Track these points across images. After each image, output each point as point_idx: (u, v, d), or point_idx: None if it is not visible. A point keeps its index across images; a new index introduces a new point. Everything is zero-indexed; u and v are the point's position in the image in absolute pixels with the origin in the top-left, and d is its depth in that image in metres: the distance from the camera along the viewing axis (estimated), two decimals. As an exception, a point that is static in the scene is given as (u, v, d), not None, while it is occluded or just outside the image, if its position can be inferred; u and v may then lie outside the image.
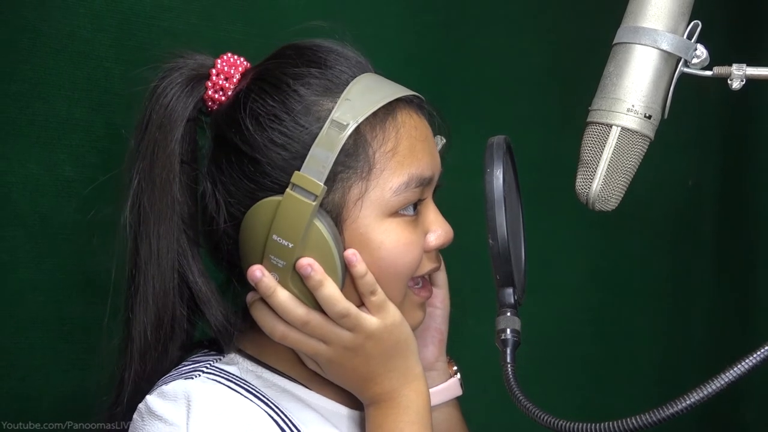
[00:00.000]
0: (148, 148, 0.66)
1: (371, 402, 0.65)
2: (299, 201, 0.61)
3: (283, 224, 0.62)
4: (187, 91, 0.67)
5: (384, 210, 0.64)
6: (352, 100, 0.63)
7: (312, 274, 0.62)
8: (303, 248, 0.62)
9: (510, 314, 0.63)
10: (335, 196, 0.63)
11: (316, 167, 0.62)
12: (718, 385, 0.48)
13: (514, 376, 0.59)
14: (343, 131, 0.62)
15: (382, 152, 0.64)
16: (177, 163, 0.66)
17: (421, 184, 0.65)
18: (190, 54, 0.69)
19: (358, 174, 0.63)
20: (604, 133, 0.61)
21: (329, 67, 0.65)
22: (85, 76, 0.88)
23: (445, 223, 0.68)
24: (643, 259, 1.35)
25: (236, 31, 0.97)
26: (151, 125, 0.66)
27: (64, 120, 0.87)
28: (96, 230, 0.73)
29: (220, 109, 0.68)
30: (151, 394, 0.64)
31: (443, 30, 1.17)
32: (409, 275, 0.66)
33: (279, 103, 0.64)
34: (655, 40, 0.60)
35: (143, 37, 0.91)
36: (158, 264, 0.65)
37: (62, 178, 0.88)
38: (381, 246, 0.64)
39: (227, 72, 0.68)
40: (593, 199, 0.62)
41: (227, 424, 0.61)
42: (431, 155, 0.67)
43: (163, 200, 0.65)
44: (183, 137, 0.66)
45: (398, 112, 0.65)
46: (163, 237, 0.65)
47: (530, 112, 1.23)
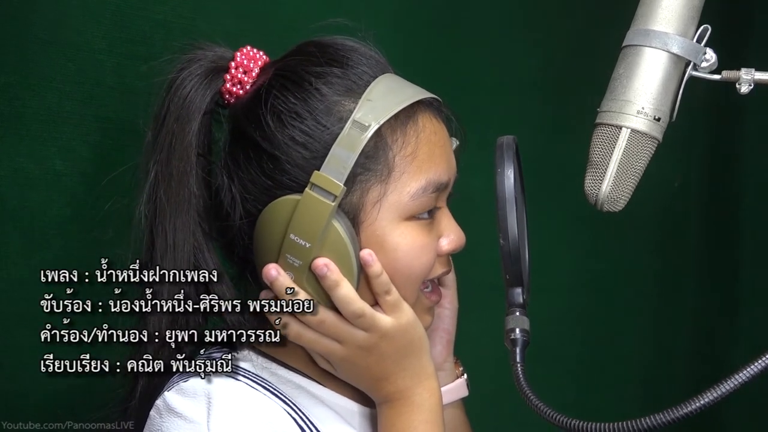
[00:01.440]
0: (165, 139, 0.65)
1: (384, 401, 0.65)
2: (318, 201, 0.61)
3: (300, 223, 0.62)
4: (205, 83, 0.66)
5: (401, 213, 0.64)
6: (374, 101, 0.63)
7: (328, 274, 0.62)
8: (320, 248, 0.62)
9: (519, 314, 0.64)
10: (353, 198, 0.63)
11: (336, 167, 0.61)
12: (732, 384, 0.49)
13: (524, 375, 0.60)
14: (365, 132, 0.62)
15: (402, 156, 0.64)
16: (194, 156, 0.65)
17: (438, 189, 0.65)
18: (209, 46, 0.68)
19: (377, 177, 0.63)
20: (614, 135, 0.61)
21: (351, 67, 0.65)
22: (76, 68, 0.86)
23: (458, 229, 0.68)
24: (629, 259, 1.36)
25: (230, 25, 0.96)
26: (168, 117, 0.65)
27: (54, 113, 0.86)
28: (104, 224, 0.72)
29: (238, 103, 0.67)
30: (170, 391, 0.63)
31: (437, 30, 1.17)
32: (423, 278, 0.66)
33: (301, 101, 0.64)
34: (665, 43, 0.60)
35: (136, 29, 0.89)
36: (174, 257, 0.64)
37: (52, 172, 0.87)
38: (397, 248, 0.64)
39: (246, 65, 0.67)
40: (603, 200, 0.62)
41: (248, 421, 0.61)
42: (448, 160, 0.67)
43: (180, 193, 0.65)
44: (200, 129, 0.66)
45: (419, 115, 0.65)
46: (180, 230, 0.65)
47: (522, 113, 1.24)
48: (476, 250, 0.93)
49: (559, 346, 1.30)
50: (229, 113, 0.68)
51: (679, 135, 1.45)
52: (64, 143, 0.86)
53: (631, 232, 1.33)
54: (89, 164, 0.87)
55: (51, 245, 0.87)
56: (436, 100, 0.68)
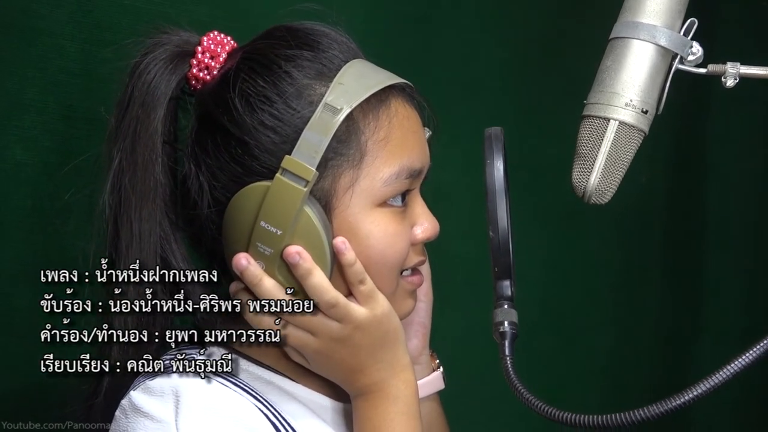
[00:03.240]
0: (129, 126, 0.63)
1: (359, 393, 0.64)
2: (289, 186, 0.59)
3: (271, 210, 0.60)
4: (170, 68, 0.64)
5: (373, 200, 0.62)
6: (346, 84, 0.62)
7: (300, 262, 0.60)
8: (292, 235, 0.60)
9: (507, 306, 0.63)
10: (325, 183, 0.61)
11: (308, 152, 0.60)
12: (720, 378, 0.49)
13: (513, 368, 0.59)
14: (337, 115, 0.60)
15: (375, 141, 0.62)
16: (160, 143, 0.63)
17: (411, 175, 0.64)
18: (174, 30, 0.66)
19: (349, 162, 0.62)
20: (602, 127, 0.61)
21: (322, 51, 0.63)
22: (39, 54, 0.83)
23: (432, 217, 0.67)
24: (596, 253, 1.38)
25: (201, 13, 0.93)
26: (132, 103, 0.63)
27: (14, 100, 0.82)
28: (65, 214, 0.69)
29: (206, 88, 0.65)
30: (135, 390, 0.61)
31: (412, 23, 1.16)
32: (398, 266, 0.65)
33: (270, 85, 0.62)
34: (653, 36, 0.60)
35: (102, 14, 0.86)
36: (140, 248, 0.62)
37: (12, 161, 0.84)
38: (369, 235, 0.62)
39: (213, 50, 0.65)
40: (591, 192, 0.62)
41: (219, 419, 0.59)
42: (421, 147, 0.66)
43: (145, 182, 0.62)
44: (165, 116, 0.63)
45: (391, 100, 0.64)
46: (146, 220, 0.62)
47: (497, 107, 1.24)
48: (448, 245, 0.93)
49: (528, 338, 1.30)
50: (195, 99, 0.66)
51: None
52: (25, 132, 0.83)
53: (599, 226, 1.35)
54: (51, 154, 0.84)
55: (10, 238, 0.84)
56: (408, 85, 0.67)
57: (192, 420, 0.58)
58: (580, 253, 1.36)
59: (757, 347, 0.49)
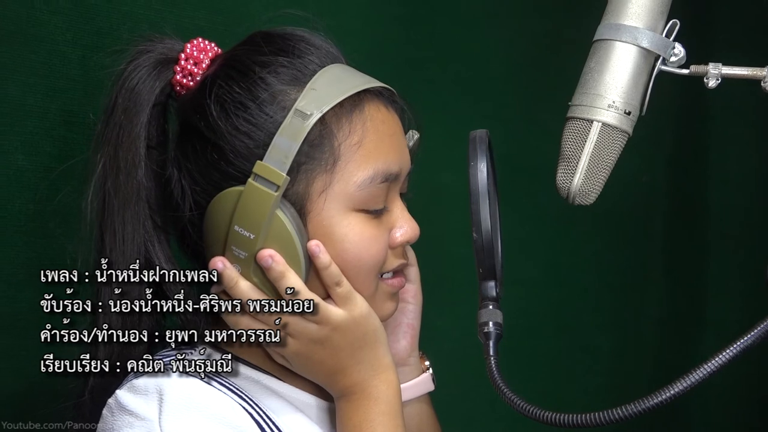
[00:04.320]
0: (113, 132, 0.65)
1: (341, 395, 0.65)
2: (261, 191, 0.61)
3: (244, 215, 0.61)
4: (154, 74, 0.66)
5: (348, 204, 0.63)
6: (318, 90, 0.63)
7: (273, 265, 0.61)
8: (265, 239, 0.61)
9: (492, 307, 0.64)
10: (299, 188, 0.62)
11: (278, 157, 0.61)
12: (698, 376, 0.49)
13: (497, 368, 0.60)
14: (307, 120, 0.61)
15: (348, 144, 0.63)
16: (143, 148, 0.64)
17: (386, 179, 0.64)
18: (159, 38, 0.68)
19: (322, 166, 0.62)
20: (585, 129, 0.62)
21: (298, 56, 0.64)
22: (41, 61, 0.84)
23: (411, 220, 0.67)
24: (597, 253, 1.38)
25: (200, 18, 0.94)
26: (116, 109, 0.65)
27: (17, 106, 0.84)
28: (58, 217, 0.70)
29: (187, 95, 0.66)
30: (121, 389, 0.62)
31: (408, 24, 1.17)
32: (375, 269, 0.65)
33: (245, 91, 0.63)
34: (635, 38, 0.61)
35: (102, 22, 0.88)
36: (123, 251, 0.63)
37: (14, 166, 0.85)
38: (344, 239, 0.63)
39: (197, 57, 0.67)
40: (574, 193, 0.62)
41: (201, 418, 0.60)
42: (399, 151, 0.66)
43: (127, 185, 0.64)
44: (149, 122, 0.65)
45: (366, 104, 0.64)
46: (129, 222, 0.64)
47: (493, 108, 1.24)
48: (447, 245, 0.94)
49: (530, 339, 1.31)
50: (177, 105, 0.67)
51: (647, 131, 1.47)
52: (27, 137, 0.84)
53: (600, 226, 1.35)
54: (53, 159, 0.85)
55: (13, 242, 0.85)
56: (386, 89, 0.67)
57: (175, 417, 0.59)
58: (582, 253, 1.36)
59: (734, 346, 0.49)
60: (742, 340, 0.49)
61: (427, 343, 0.77)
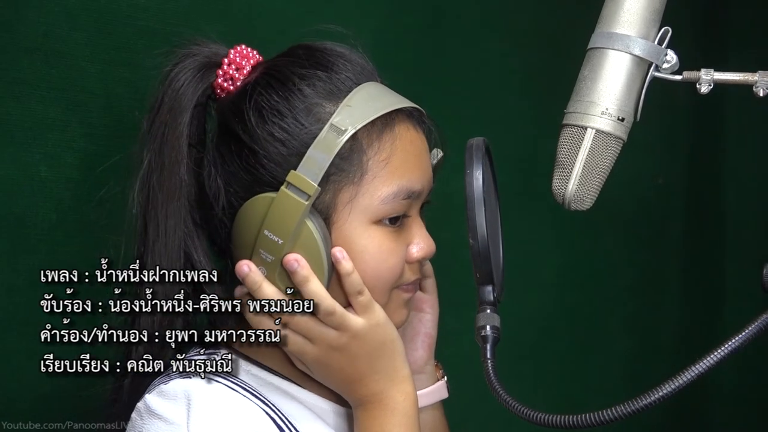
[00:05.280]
0: (159, 129, 0.68)
1: (359, 404, 0.66)
2: (293, 199, 0.63)
3: (275, 220, 0.64)
4: (198, 76, 0.69)
5: (370, 216, 0.65)
6: (353, 107, 0.65)
7: (298, 269, 0.64)
8: (292, 245, 0.64)
9: (489, 311, 0.65)
10: (326, 198, 0.65)
11: (312, 168, 0.63)
12: (686, 378, 0.50)
13: (494, 370, 0.61)
14: (341, 136, 0.64)
15: (376, 160, 0.65)
16: (185, 145, 0.67)
17: (409, 196, 0.67)
18: (204, 42, 0.71)
19: (350, 179, 0.65)
20: (579, 135, 0.63)
21: (336, 72, 0.67)
22: (61, 76, 0.87)
23: (428, 237, 0.69)
24: (614, 256, 1.38)
25: (213, 32, 0.96)
26: (162, 108, 0.68)
27: (39, 120, 0.86)
28: (103, 213, 0.73)
29: (227, 98, 0.69)
30: (150, 393, 0.64)
31: (422, 33, 1.18)
32: (391, 282, 0.67)
33: (283, 99, 0.66)
34: (627, 46, 0.62)
35: (119, 37, 0.90)
36: (165, 243, 0.66)
37: (37, 178, 0.87)
38: (365, 251, 0.65)
39: (239, 63, 0.70)
40: (569, 199, 0.63)
41: (228, 422, 0.62)
42: (423, 170, 0.68)
43: (171, 180, 0.67)
44: (191, 121, 0.68)
45: (397, 124, 0.67)
46: (171, 216, 0.67)
47: (507, 114, 1.25)
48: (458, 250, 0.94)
49: (547, 341, 1.31)
50: (217, 106, 0.70)
51: (662, 134, 1.47)
52: (49, 150, 0.87)
53: (617, 229, 1.35)
54: (74, 170, 0.88)
55: (37, 250, 0.88)
56: (417, 110, 0.69)
57: (203, 422, 0.61)
58: (598, 256, 1.36)
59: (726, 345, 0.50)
60: (730, 343, 0.50)
61: (443, 346, 0.78)
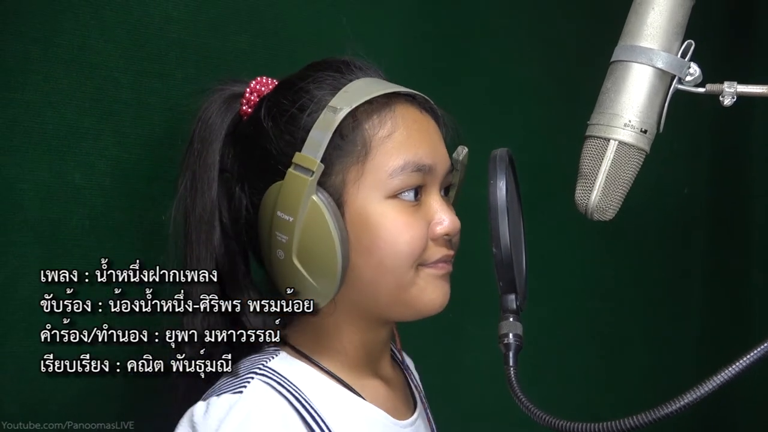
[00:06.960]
0: (191, 158, 0.75)
1: None
2: (298, 177, 0.67)
3: (284, 199, 0.68)
4: (224, 108, 0.75)
5: (383, 192, 0.68)
6: (350, 91, 0.69)
7: None
8: (302, 221, 0.67)
9: (512, 319, 0.66)
10: (336, 179, 0.68)
11: (313, 147, 0.68)
12: (710, 386, 0.51)
13: (516, 378, 0.62)
14: (337, 114, 0.67)
15: (379, 137, 0.68)
16: (216, 171, 0.73)
17: (418, 169, 0.68)
18: (231, 80, 0.79)
19: (355, 157, 0.68)
20: (602, 147, 0.64)
21: (344, 74, 0.71)
22: (95, 86, 0.89)
23: (451, 213, 0.71)
24: (637, 265, 1.37)
25: (242, 42, 0.99)
26: (195, 139, 0.75)
27: (73, 128, 0.89)
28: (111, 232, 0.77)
29: (247, 117, 0.75)
30: (204, 400, 0.66)
31: (442, 39, 1.19)
32: (412, 257, 0.68)
33: (290, 101, 0.71)
34: (650, 59, 0.63)
35: (152, 48, 0.92)
36: (198, 258, 0.71)
37: (72, 185, 0.89)
38: (379, 226, 0.67)
39: (259, 90, 0.76)
40: (592, 209, 0.64)
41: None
42: (431, 145, 0.70)
43: (204, 203, 0.72)
44: (222, 148, 0.74)
45: (397, 105, 0.70)
46: (202, 232, 0.72)
47: (528, 121, 1.25)
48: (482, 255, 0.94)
49: (569, 350, 1.31)
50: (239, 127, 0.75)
51: (687, 145, 1.47)
52: (83, 158, 0.89)
53: (641, 237, 1.34)
54: (107, 177, 0.90)
55: (71, 255, 0.90)
56: (420, 96, 0.72)
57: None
58: (622, 265, 1.36)
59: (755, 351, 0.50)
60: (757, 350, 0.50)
61: (465, 353, 0.79)
